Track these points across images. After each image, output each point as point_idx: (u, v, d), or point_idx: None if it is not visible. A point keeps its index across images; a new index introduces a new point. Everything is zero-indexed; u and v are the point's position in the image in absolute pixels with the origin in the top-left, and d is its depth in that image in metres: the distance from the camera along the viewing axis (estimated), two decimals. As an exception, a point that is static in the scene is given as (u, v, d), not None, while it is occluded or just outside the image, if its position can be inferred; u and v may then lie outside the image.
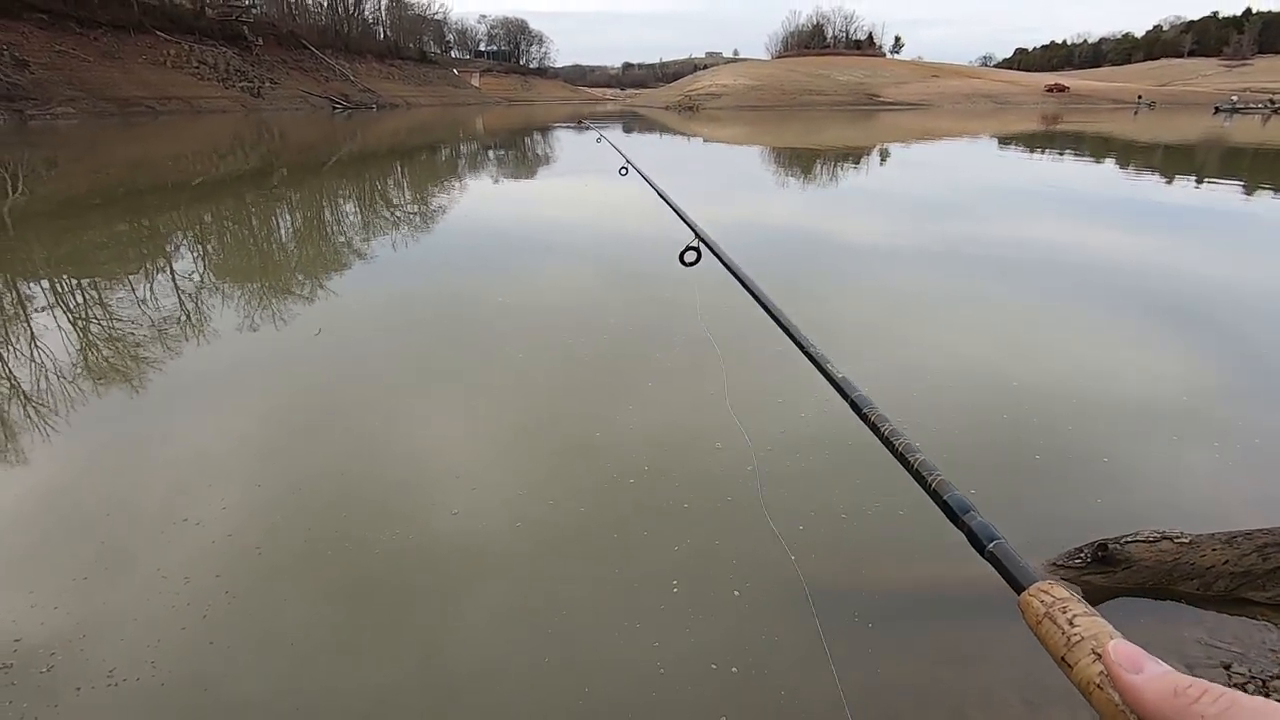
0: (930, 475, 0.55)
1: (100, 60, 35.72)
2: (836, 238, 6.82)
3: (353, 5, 69.12)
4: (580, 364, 3.27)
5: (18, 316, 4.12)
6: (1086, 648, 0.37)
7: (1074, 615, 0.39)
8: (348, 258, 5.81)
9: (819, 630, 1.62)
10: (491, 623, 1.67)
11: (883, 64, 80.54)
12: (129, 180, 11.46)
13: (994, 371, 3.18)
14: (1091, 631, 0.37)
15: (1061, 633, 0.38)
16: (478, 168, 14.11)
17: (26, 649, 1.54)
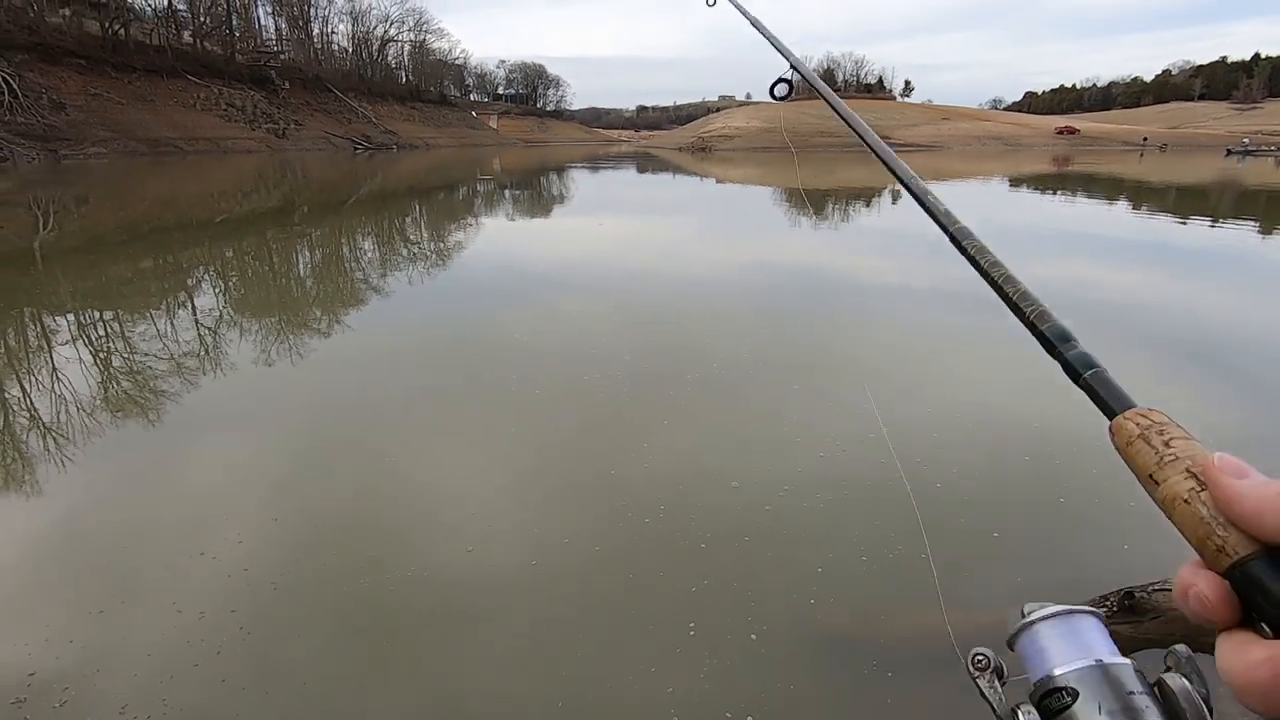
0: (1029, 306, 0.54)
1: (133, 102, 36.99)
2: (852, 276, 6.84)
3: (376, 50, 71.44)
4: (596, 401, 3.27)
5: (41, 349, 4.20)
6: (1180, 466, 0.36)
7: (1171, 438, 0.38)
8: (365, 294, 5.90)
9: (920, 525, 1.58)
10: (505, 663, 1.64)
11: (893, 107, 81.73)
12: (155, 217, 11.75)
13: (1016, 412, 3.15)
14: (1188, 453, 0.36)
15: (1155, 452, 0.38)
16: (494, 206, 14.36)
17: (41, 682, 1.53)
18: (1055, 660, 0.45)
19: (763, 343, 4.32)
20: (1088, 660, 0.43)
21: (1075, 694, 0.42)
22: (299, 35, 60.17)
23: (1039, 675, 0.45)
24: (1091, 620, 0.46)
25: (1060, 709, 0.43)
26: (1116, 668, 0.43)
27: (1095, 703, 0.41)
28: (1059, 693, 0.43)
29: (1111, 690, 0.42)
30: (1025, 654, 0.47)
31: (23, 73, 30.82)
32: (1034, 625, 0.47)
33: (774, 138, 66.25)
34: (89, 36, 38.78)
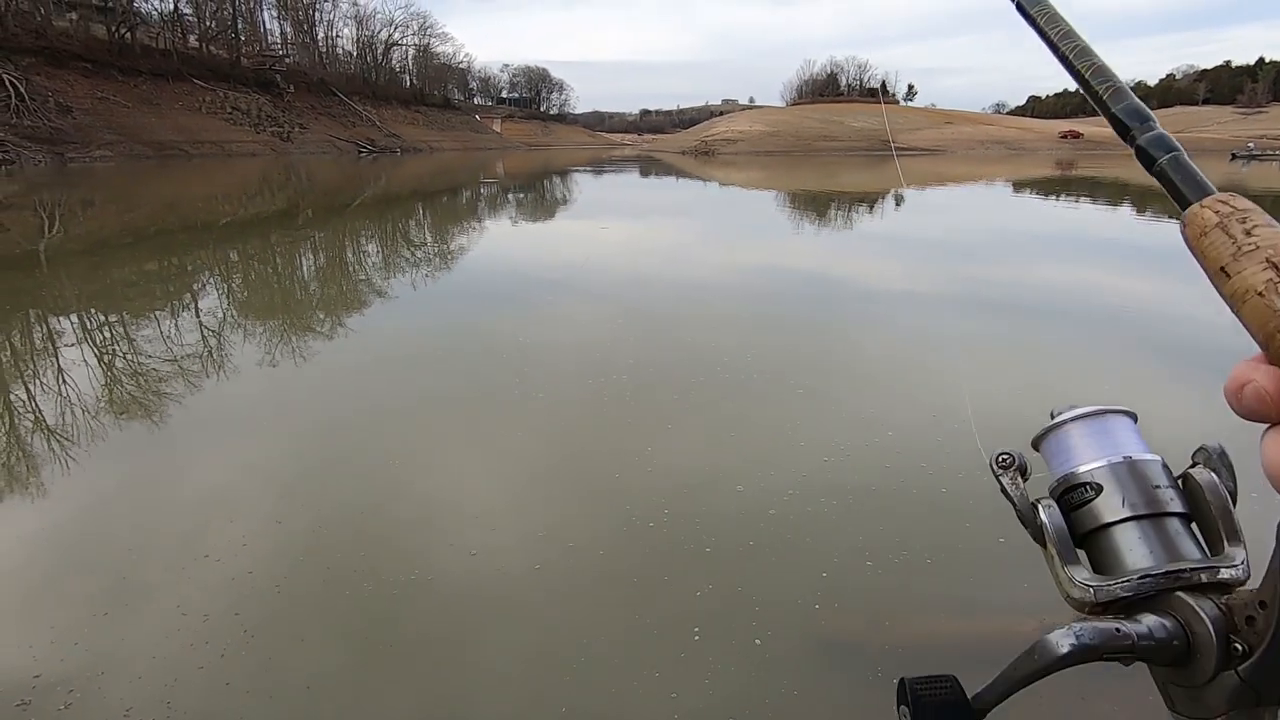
0: (1102, 83, 0.47)
1: (139, 106, 37.18)
2: (852, 281, 6.84)
3: (381, 55, 71.72)
4: (599, 405, 3.27)
5: (47, 351, 4.21)
6: (1260, 256, 0.33)
7: (1254, 226, 0.35)
8: (369, 296, 5.91)
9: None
10: (508, 667, 1.64)
11: (896, 111, 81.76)
12: (160, 220, 11.80)
13: (1019, 415, 3.13)
14: (1271, 242, 0.33)
15: (1232, 241, 0.35)
16: (497, 209, 14.38)
17: (45, 685, 1.53)
18: (1081, 458, 0.44)
19: (767, 346, 4.32)
20: (1115, 456, 0.43)
21: (1099, 488, 0.42)
22: (304, 39, 60.45)
23: (1062, 473, 0.44)
24: (1124, 419, 0.45)
25: (1082, 503, 0.42)
26: (1144, 463, 0.42)
27: (1119, 496, 0.41)
28: (1082, 487, 0.42)
29: (1136, 484, 0.41)
30: (1051, 454, 0.46)
31: (29, 76, 30.99)
32: (1063, 426, 0.46)
33: (778, 141, 66.31)
34: (95, 40, 39.02)
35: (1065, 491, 0.44)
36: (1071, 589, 0.41)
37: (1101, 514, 0.42)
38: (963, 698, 0.39)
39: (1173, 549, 0.40)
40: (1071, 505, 0.43)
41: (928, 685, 0.40)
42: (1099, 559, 0.42)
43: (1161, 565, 0.39)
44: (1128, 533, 0.41)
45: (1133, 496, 0.41)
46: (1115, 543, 0.41)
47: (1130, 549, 0.40)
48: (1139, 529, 0.41)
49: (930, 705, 0.39)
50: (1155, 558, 0.40)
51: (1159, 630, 0.37)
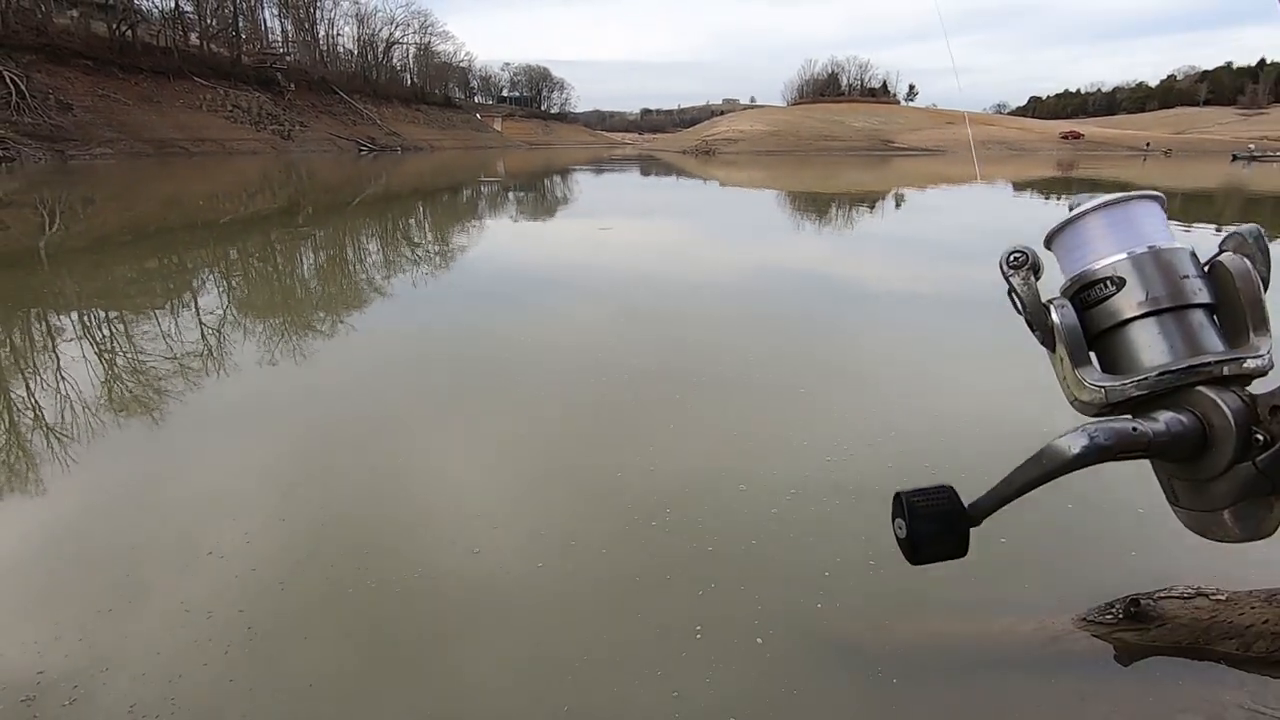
0: None
1: (139, 103, 37.17)
2: (856, 280, 6.84)
3: (382, 53, 71.72)
4: (601, 405, 3.27)
5: (47, 349, 4.22)
6: None
7: None
8: (369, 295, 5.91)
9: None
10: (511, 665, 1.64)
11: (897, 111, 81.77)
12: (161, 218, 11.80)
13: (1022, 418, 3.14)
14: None
15: None
16: (498, 208, 14.38)
17: (49, 681, 1.54)
18: (1101, 251, 0.40)
19: (769, 345, 4.32)
20: (1139, 246, 0.39)
21: (1121, 282, 0.38)
22: (305, 37, 60.44)
23: (1078, 269, 0.41)
24: (1150, 205, 0.41)
25: (1100, 299, 0.39)
26: (1171, 252, 0.39)
27: (1142, 290, 0.38)
28: (1101, 283, 0.39)
29: (1162, 276, 0.38)
30: (1067, 250, 0.42)
31: (30, 73, 30.99)
32: (1082, 218, 0.42)
33: (779, 141, 66.33)
34: (96, 38, 39.03)
35: (1081, 289, 0.41)
36: (1081, 391, 0.40)
37: (1120, 310, 0.39)
38: (959, 506, 0.38)
39: (1194, 343, 0.37)
40: (1087, 303, 0.40)
41: (924, 496, 0.38)
42: (1112, 359, 0.39)
43: (1181, 360, 0.37)
44: (1146, 329, 0.38)
45: (1156, 289, 0.38)
46: (1132, 340, 0.39)
47: (1148, 346, 0.38)
48: (1159, 324, 0.38)
49: (926, 515, 0.38)
50: (1175, 353, 0.37)
51: (1176, 426, 0.35)
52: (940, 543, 0.38)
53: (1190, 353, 0.37)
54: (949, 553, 0.39)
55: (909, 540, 0.38)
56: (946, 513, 0.39)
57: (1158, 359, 0.37)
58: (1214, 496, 0.36)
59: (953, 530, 0.38)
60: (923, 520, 0.39)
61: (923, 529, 0.38)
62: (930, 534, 0.38)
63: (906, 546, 0.39)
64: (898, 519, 0.39)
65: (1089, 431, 0.36)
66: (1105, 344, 0.39)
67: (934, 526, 0.39)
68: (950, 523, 0.39)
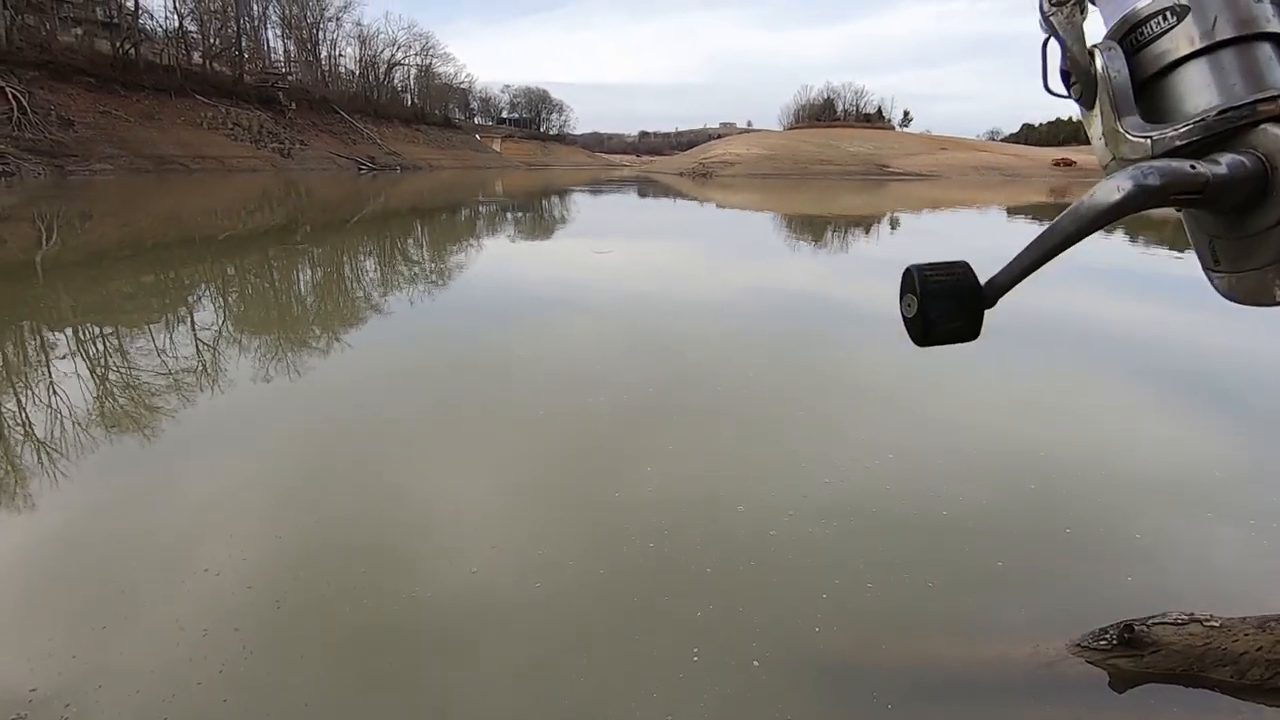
0: None
1: (140, 120, 37.40)
2: (854, 302, 6.89)
3: (383, 74, 72.45)
4: (599, 423, 3.28)
5: (42, 363, 4.21)
6: None
7: None
8: (366, 313, 5.93)
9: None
10: (507, 687, 1.64)
11: (892, 136, 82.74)
12: (159, 233, 11.83)
13: (1020, 440, 3.16)
14: None
15: None
16: (496, 227, 14.46)
17: (41, 698, 1.52)
18: None
19: (767, 367, 4.35)
20: None
21: (1183, 11, 0.34)
22: (307, 57, 61.07)
23: (1129, 8, 0.36)
24: None
25: (1155, 35, 0.34)
26: None
27: (1207, 17, 0.33)
28: (1160, 16, 0.34)
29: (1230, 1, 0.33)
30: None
31: (33, 90, 31.20)
32: None
33: (775, 164, 66.94)
34: (100, 55, 39.36)
35: (1132, 29, 0.36)
36: (1122, 146, 0.34)
37: (1176, 46, 0.34)
38: (974, 282, 0.34)
39: (1258, 77, 0.33)
40: (1138, 44, 0.35)
41: (937, 271, 0.35)
42: (1160, 108, 0.35)
43: (1245, 96, 0.32)
44: (1204, 67, 0.34)
45: (1223, 16, 0.33)
46: (1185, 82, 0.34)
47: (1205, 87, 0.33)
48: (1218, 60, 0.33)
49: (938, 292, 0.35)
50: (1235, 93, 0.33)
51: (1237, 168, 0.31)
52: (951, 320, 0.36)
53: (1254, 89, 0.32)
54: (959, 333, 0.36)
55: (919, 318, 0.36)
56: (960, 289, 0.37)
57: (1214, 100, 0.33)
58: (1260, 253, 0.32)
59: (965, 308, 0.36)
60: (934, 298, 0.36)
61: (934, 306, 0.36)
62: (942, 311, 0.35)
63: (916, 325, 0.36)
64: (907, 295, 0.36)
65: (1141, 170, 0.31)
66: (1153, 91, 0.35)
67: (946, 304, 0.37)
68: (963, 300, 0.37)
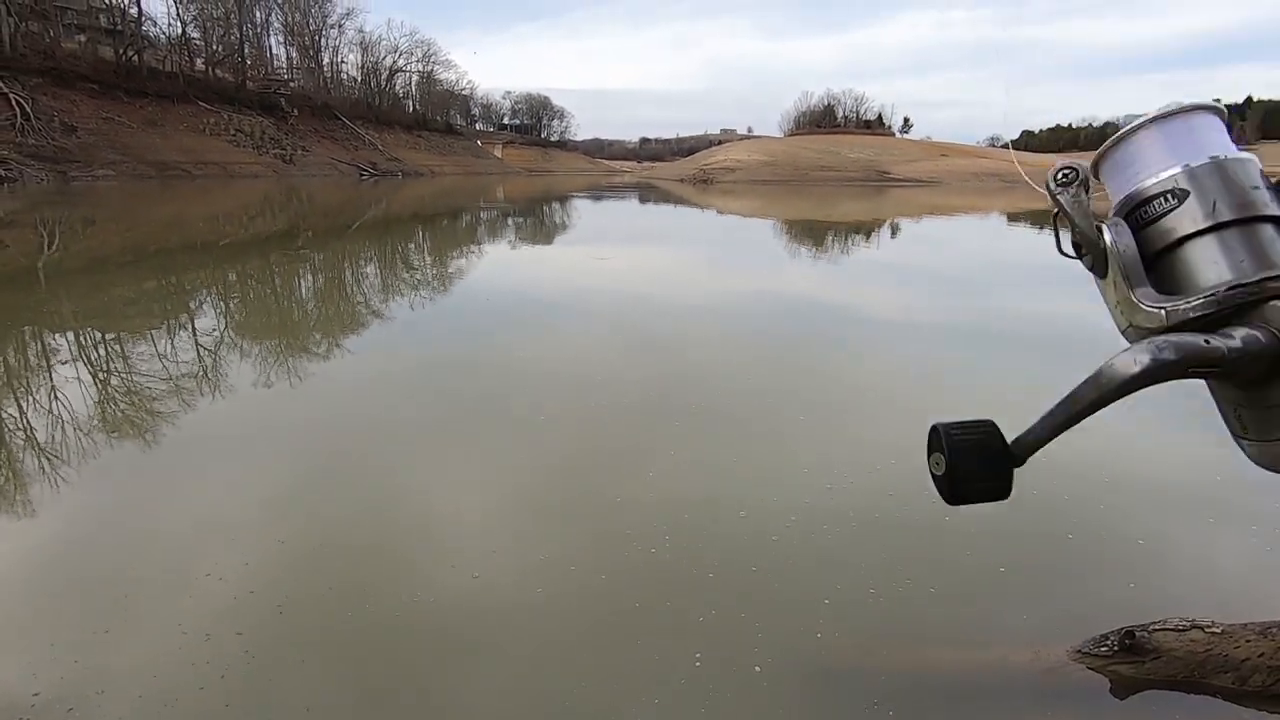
0: None
1: (143, 127, 37.54)
2: (854, 308, 6.89)
3: (385, 80, 72.73)
4: (599, 429, 3.28)
5: (43, 369, 4.21)
6: None
7: None
8: (367, 318, 5.93)
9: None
10: (509, 691, 1.63)
11: (892, 143, 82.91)
12: (161, 239, 11.86)
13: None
14: None
15: None
16: (497, 233, 14.50)
17: (44, 703, 1.52)
18: (1157, 166, 0.37)
19: (769, 372, 4.35)
20: (1199, 158, 0.36)
21: (1183, 195, 0.35)
22: (309, 64, 61.34)
23: (1130, 188, 0.37)
24: (1210, 117, 0.38)
25: (1158, 215, 0.35)
26: (1237, 162, 0.36)
27: (1206, 202, 0.34)
28: (1159, 198, 0.36)
29: (1227, 187, 0.34)
30: (1118, 171, 0.39)
31: (36, 96, 31.33)
32: (1135, 133, 0.38)
33: (775, 170, 67.07)
34: (103, 62, 39.55)
35: (1136, 207, 0.37)
36: (1136, 315, 0.36)
37: (1180, 225, 0.35)
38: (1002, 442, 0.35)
39: (1264, 256, 0.34)
40: (1143, 221, 0.37)
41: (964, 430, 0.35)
42: (1169, 280, 0.36)
43: (1253, 274, 0.33)
44: (1210, 245, 0.35)
45: (1222, 201, 0.34)
46: (1193, 258, 0.35)
47: (1213, 262, 0.34)
48: (1224, 239, 0.35)
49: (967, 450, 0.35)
50: (1243, 268, 0.34)
51: (1251, 343, 0.32)
52: (981, 481, 0.36)
53: (1261, 267, 0.34)
54: (990, 493, 0.36)
55: (947, 477, 0.36)
56: (988, 448, 0.36)
57: (1224, 275, 0.34)
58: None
59: (994, 467, 0.36)
60: (963, 455, 0.36)
61: (963, 465, 0.36)
62: (971, 471, 0.36)
63: (944, 484, 0.36)
64: (935, 454, 0.36)
65: (1155, 345, 0.32)
66: (1162, 264, 0.36)
67: (975, 463, 0.36)
68: (992, 458, 0.36)
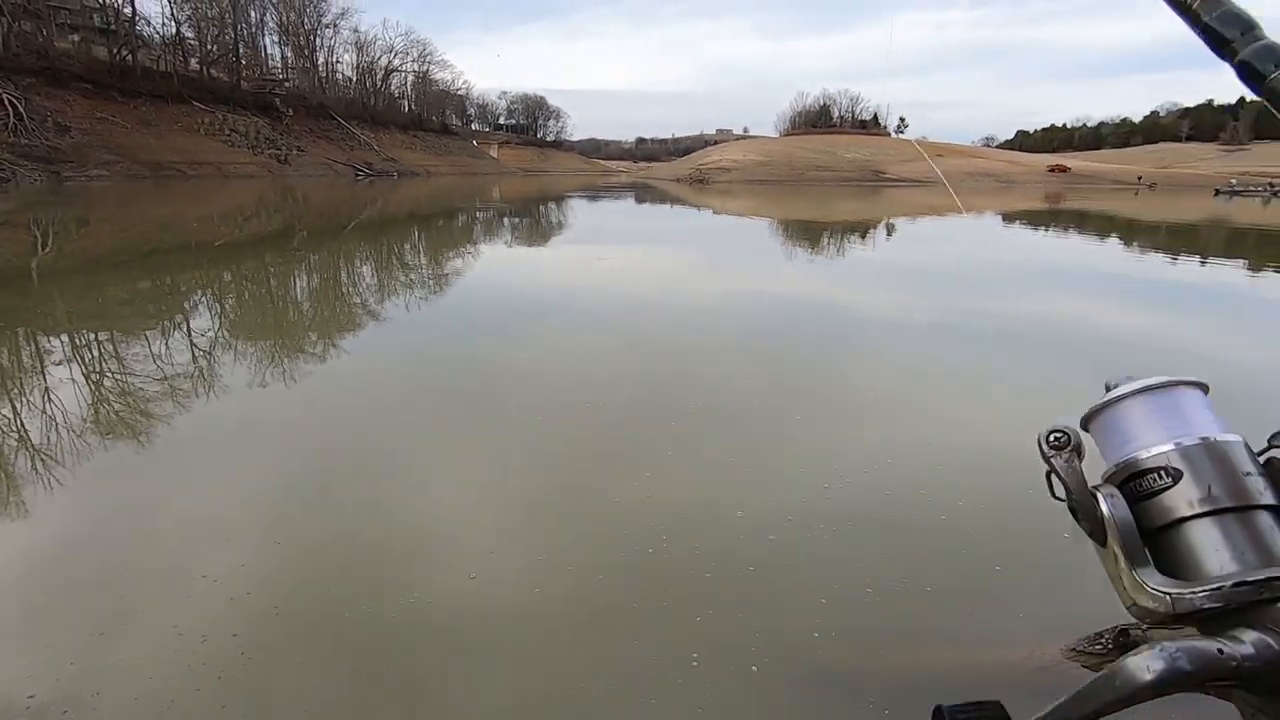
0: None
1: (137, 127, 37.38)
2: (850, 309, 6.91)
3: (380, 80, 72.54)
4: (596, 431, 3.28)
5: (37, 370, 4.20)
6: None
7: None
8: (363, 319, 5.92)
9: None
10: (506, 692, 1.63)
11: (888, 142, 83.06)
12: (155, 240, 11.81)
13: (1017, 445, 3.17)
14: None
15: None
16: (493, 234, 14.48)
17: (40, 705, 1.52)
18: (1148, 439, 0.37)
19: (765, 373, 4.35)
20: (1189, 437, 0.36)
21: (1177, 475, 0.35)
22: (304, 64, 61.12)
23: (1124, 455, 0.37)
24: (1194, 393, 0.38)
25: (1152, 492, 0.35)
26: (1225, 445, 0.36)
27: (1201, 485, 0.34)
28: (1153, 474, 0.35)
29: (1219, 471, 0.34)
30: (1107, 434, 0.40)
31: (29, 96, 31.16)
32: (1123, 401, 0.39)
33: (771, 171, 67.14)
34: (97, 62, 39.35)
35: (1130, 478, 0.37)
36: (1140, 596, 0.35)
37: (1177, 506, 0.35)
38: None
39: (1266, 550, 0.33)
40: (1139, 494, 0.36)
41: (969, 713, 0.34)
42: (1171, 560, 0.35)
43: (1257, 570, 0.32)
44: (1208, 529, 0.34)
45: (1217, 486, 0.34)
46: (1193, 541, 0.34)
47: (1214, 550, 0.34)
48: (1222, 525, 0.34)
49: None
50: (1246, 560, 0.33)
51: (1264, 649, 0.30)
52: None
53: (1265, 561, 0.33)
54: None
55: None
56: None
57: (1227, 566, 0.34)
58: None
59: None
60: None
61: None
62: None
63: None
64: None
65: (1169, 653, 0.31)
66: (1163, 541, 0.35)
67: None
68: None
